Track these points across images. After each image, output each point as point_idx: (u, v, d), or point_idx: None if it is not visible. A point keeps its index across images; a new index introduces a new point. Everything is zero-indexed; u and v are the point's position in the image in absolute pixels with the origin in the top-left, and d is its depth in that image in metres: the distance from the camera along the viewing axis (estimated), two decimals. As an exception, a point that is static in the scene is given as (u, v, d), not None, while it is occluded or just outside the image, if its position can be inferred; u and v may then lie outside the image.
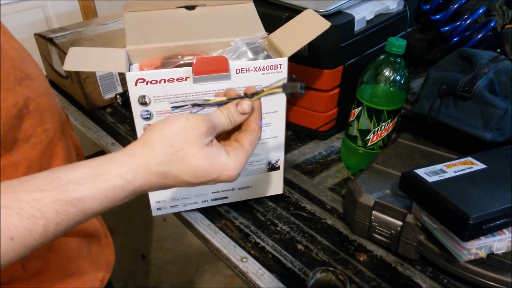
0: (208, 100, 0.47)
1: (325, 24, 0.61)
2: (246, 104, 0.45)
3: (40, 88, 0.52)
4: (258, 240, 0.66)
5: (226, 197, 0.70)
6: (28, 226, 0.34)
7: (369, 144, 0.76)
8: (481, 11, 0.93)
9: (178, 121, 0.41)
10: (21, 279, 0.51)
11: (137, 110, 0.58)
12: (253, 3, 0.69)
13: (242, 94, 0.46)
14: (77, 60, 0.55)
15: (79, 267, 0.58)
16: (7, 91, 0.45)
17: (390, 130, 0.75)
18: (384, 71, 0.69)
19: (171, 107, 0.50)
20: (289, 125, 0.87)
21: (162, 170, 0.39)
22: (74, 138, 0.63)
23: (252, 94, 0.46)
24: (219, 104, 0.46)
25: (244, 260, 0.63)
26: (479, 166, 0.58)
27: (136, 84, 0.56)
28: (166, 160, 0.39)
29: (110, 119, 0.96)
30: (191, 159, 0.40)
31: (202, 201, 0.70)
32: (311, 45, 0.71)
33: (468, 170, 0.57)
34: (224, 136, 0.47)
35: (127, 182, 0.38)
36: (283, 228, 0.68)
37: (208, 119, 0.42)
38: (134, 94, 0.57)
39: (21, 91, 0.47)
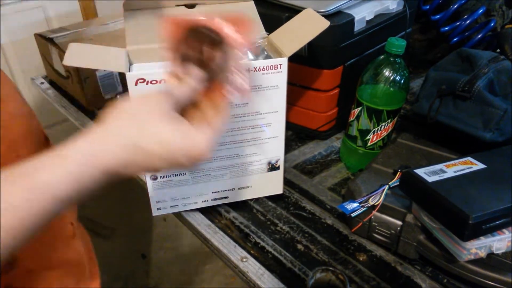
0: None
1: (325, 23, 0.61)
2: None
3: (13, 110, 0.49)
4: (258, 240, 0.66)
5: (226, 197, 0.70)
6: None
7: (369, 144, 0.76)
8: (481, 11, 0.93)
9: (134, 98, 0.39)
10: None
11: (137, 110, 0.58)
12: (253, 2, 0.69)
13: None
14: (77, 56, 0.54)
15: None
16: None
17: (390, 130, 0.75)
18: (384, 71, 0.69)
19: None
20: (289, 125, 0.87)
21: (126, 142, 0.37)
22: None
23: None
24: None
25: (244, 260, 0.63)
26: (479, 166, 0.58)
27: (136, 84, 0.56)
28: (127, 131, 0.37)
29: (110, 119, 0.96)
30: (156, 128, 0.37)
31: (202, 201, 0.70)
32: (311, 45, 0.71)
33: (468, 170, 0.57)
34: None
35: (92, 156, 0.35)
36: (283, 228, 0.68)
37: (166, 91, 0.39)
38: (134, 94, 0.56)
39: None
